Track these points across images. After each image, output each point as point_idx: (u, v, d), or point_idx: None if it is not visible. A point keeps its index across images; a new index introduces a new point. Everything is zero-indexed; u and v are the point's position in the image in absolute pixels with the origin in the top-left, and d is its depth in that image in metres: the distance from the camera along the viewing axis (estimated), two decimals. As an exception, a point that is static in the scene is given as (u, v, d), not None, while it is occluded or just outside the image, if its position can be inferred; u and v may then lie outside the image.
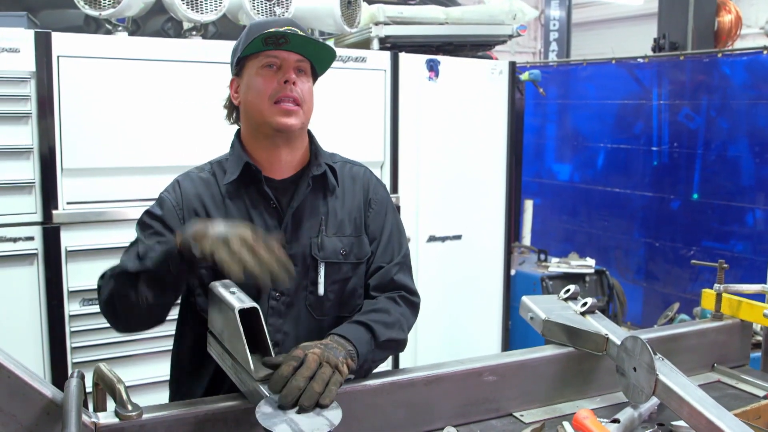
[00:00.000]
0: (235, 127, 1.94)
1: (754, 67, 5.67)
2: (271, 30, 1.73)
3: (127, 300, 1.66)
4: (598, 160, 7.05)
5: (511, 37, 4.46)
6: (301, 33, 1.76)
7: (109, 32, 3.26)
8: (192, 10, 3.26)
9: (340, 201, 1.91)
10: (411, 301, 1.92)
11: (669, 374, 1.67)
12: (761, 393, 2.05)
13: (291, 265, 1.54)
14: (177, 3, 3.22)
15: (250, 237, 1.48)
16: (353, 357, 1.61)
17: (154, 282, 1.63)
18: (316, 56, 1.83)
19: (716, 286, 2.27)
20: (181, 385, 1.92)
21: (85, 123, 3.05)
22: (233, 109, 1.91)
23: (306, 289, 1.84)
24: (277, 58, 1.77)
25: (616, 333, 1.91)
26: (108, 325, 3.22)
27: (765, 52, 5.54)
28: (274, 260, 1.48)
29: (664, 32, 6.87)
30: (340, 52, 3.62)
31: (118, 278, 1.69)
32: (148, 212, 1.84)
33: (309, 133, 1.92)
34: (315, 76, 1.88)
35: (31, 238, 3.01)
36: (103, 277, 1.78)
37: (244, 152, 1.84)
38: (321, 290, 1.84)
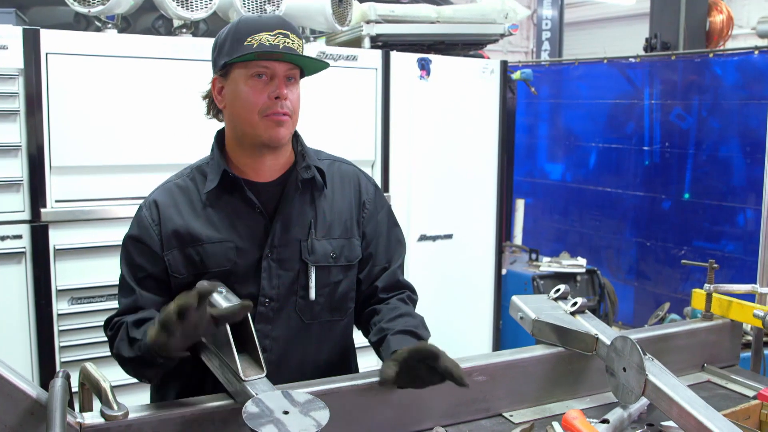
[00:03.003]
0: (219, 124, 1.89)
1: (745, 68, 5.69)
2: (260, 42, 1.68)
3: (135, 373, 1.76)
4: (589, 159, 7.06)
5: (502, 36, 4.46)
6: (290, 42, 1.71)
7: (98, 29, 3.24)
8: (182, 7, 3.24)
9: (329, 202, 1.87)
10: (414, 300, 1.99)
11: (659, 374, 1.67)
12: (751, 393, 2.05)
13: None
14: (167, 0, 3.20)
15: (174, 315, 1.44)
16: None
17: (148, 364, 1.64)
18: (308, 65, 1.78)
19: (706, 286, 2.27)
20: (161, 388, 1.90)
21: (74, 121, 3.03)
22: (214, 106, 1.85)
23: (296, 293, 1.82)
24: (267, 68, 1.71)
25: (605, 333, 1.91)
26: (96, 324, 3.22)
27: (756, 52, 5.56)
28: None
29: (655, 32, 6.89)
30: (330, 50, 3.63)
31: (119, 358, 1.75)
32: (128, 235, 1.82)
33: (295, 132, 1.86)
34: (300, 75, 1.83)
35: (19, 237, 2.98)
36: (111, 329, 1.80)
37: (224, 158, 1.81)
38: (312, 295, 1.82)
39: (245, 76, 1.72)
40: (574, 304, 2.08)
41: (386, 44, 4.06)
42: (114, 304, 2.90)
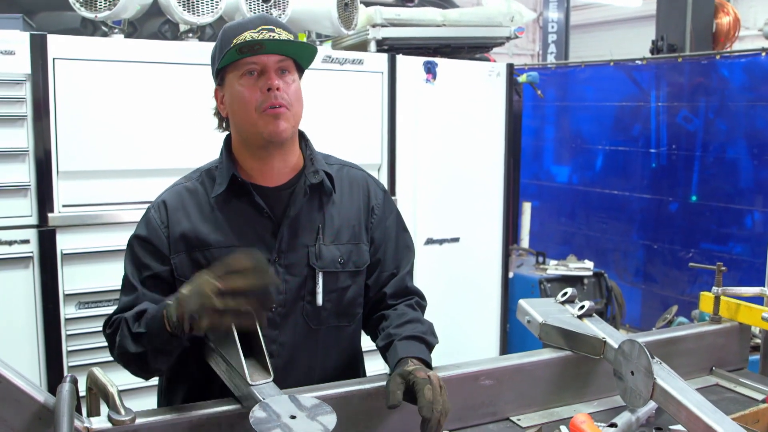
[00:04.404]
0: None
1: (752, 69, 5.67)
2: (244, 40, 1.68)
3: (141, 370, 1.73)
4: (596, 162, 7.05)
5: (508, 39, 4.46)
6: (276, 36, 1.70)
7: (105, 34, 3.24)
8: (188, 12, 3.25)
9: (338, 207, 1.86)
10: (424, 306, 1.97)
11: (667, 378, 1.66)
12: (760, 396, 2.04)
13: (274, 277, 1.49)
14: (173, 5, 3.20)
15: (214, 282, 1.45)
16: None
17: (157, 354, 1.63)
18: (297, 53, 1.77)
19: (714, 288, 2.26)
20: (169, 392, 1.90)
21: (81, 125, 3.04)
22: (222, 118, 1.86)
23: (303, 299, 1.80)
24: (256, 64, 1.71)
25: (613, 336, 1.90)
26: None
27: (763, 53, 5.54)
28: (254, 282, 1.45)
29: (662, 34, 6.87)
30: (336, 54, 3.62)
31: (123, 356, 1.71)
32: (134, 235, 1.81)
33: (303, 135, 1.87)
34: (301, 70, 1.82)
35: (26, 241, 2.99)
36: (110, 327, 1.77)
37: (232, 162, 1.80)
38: (319, 300, 1.81)
39: (237, 77, 1.73)
40: (582, 307, 2.08)
41: (392, 48, 4.06)
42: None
